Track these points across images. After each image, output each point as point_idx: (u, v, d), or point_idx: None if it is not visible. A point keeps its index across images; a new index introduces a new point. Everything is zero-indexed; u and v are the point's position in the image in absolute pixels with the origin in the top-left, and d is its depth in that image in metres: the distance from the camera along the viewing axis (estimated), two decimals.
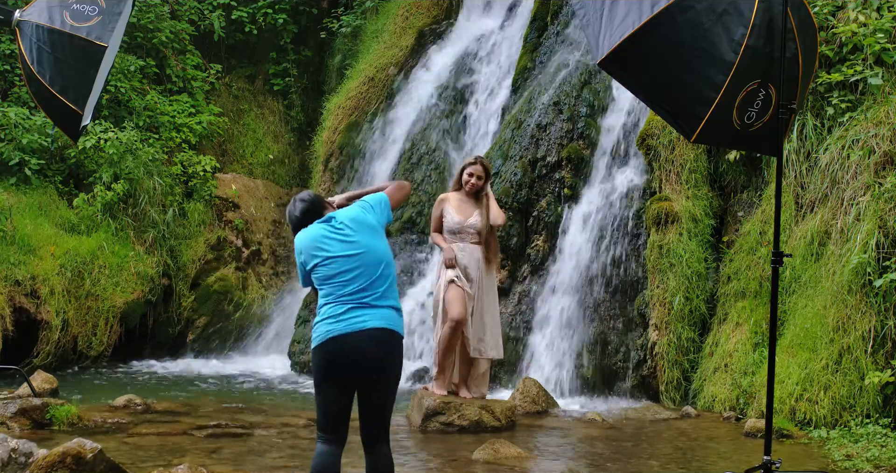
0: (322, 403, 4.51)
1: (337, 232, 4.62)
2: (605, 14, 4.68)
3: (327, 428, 4.50)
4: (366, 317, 4.45)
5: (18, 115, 10.69)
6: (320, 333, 4.48)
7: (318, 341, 4.48)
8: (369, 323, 4.44)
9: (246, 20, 13.51)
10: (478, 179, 7.61)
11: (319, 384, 4.51)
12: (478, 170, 7.62)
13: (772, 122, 4.83)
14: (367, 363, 4.44)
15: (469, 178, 7.62)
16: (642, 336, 8.78)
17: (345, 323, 4.43)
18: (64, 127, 6.46)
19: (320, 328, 4.49)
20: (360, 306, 4.47)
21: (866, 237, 7.27)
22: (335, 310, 4.47)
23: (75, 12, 6.08)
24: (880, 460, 6.24)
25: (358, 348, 4.41)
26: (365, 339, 4.42)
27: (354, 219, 4.67)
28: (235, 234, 12.08)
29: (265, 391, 9.39)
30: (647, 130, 9.26)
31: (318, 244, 4.61)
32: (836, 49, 8.25)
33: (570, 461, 6.66)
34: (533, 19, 11.51)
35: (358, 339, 4.41)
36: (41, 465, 5.30)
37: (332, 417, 4.49)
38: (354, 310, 4.46)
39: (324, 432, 4.52)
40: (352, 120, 12.24)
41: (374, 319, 4.46)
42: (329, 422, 4.49)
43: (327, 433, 4.50)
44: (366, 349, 4.42)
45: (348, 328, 4.42)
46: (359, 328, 4.42)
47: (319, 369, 4.49)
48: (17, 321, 9.63)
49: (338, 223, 4.65)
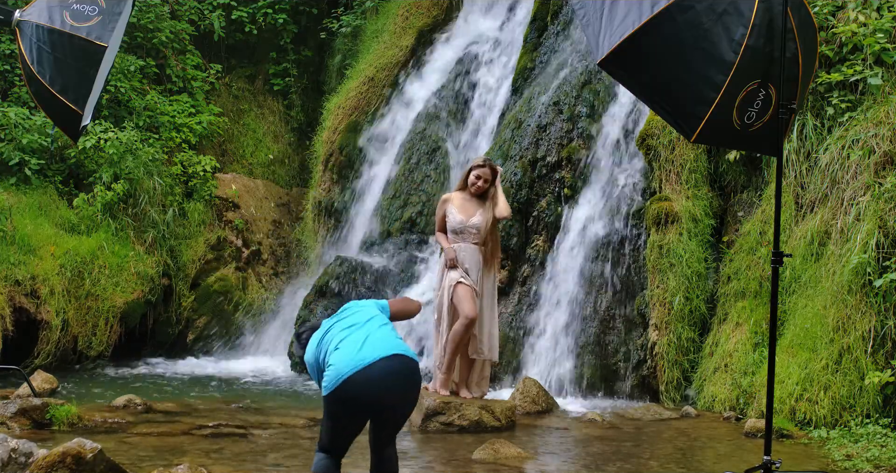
0: (334, 431, 4.51)
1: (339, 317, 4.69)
2: (605, 14, 4.68)
3: (333, 451, 4.55)
4: (376, 350, 4.44)
5: (18, 115, 10.69)
6: (331, 375, 4.40)
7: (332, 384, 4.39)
8: (380, 353, 4.41)
9: (246, 20, 13.50)
10: (484, 181, 7.61)
11: (339, 417, 4.47)
12: (485, 173, 7.61)
13: (772, 122, 4.83)
14: (386, 398, 4.42)
15: (476, 180, 7.62)
16: (642, 336, 8.78)
17: (356, 359, 4.38)
18: (64, 127, 6.46)
19: (332, 371, 4.41)
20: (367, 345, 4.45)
21: (866, 237, 7.27)
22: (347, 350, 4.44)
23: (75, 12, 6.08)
24: (880, 460, 6.24)
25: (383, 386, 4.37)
26: (381, 371, 4.37)
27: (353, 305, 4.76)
28: (235, 234, 12.08)
29: (265, 391, 9.39)
30: (647, 130, 9.26)
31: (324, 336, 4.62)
32: (836, 49, 8.25)
33: (569, 461, 6.66)
34: (533, 19, 11.50)
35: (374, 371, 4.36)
36: (41, 465, 5.31)
37: (340, 442, 4.54)
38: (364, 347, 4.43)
39: (328, 452, 4.55)
40: (352, 120, 12.23)
41: (385, 348, 4.46)
42: (336, 447, 4.54)
43: (332, 453, 4.55)
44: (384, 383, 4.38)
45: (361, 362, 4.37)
46: (370, 360, 4.38)
47: (338, 409, 4.45)
48: (17, 321, 9.63)
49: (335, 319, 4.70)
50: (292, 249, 12.50)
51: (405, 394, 4.48)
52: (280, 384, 9.82)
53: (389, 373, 4.37)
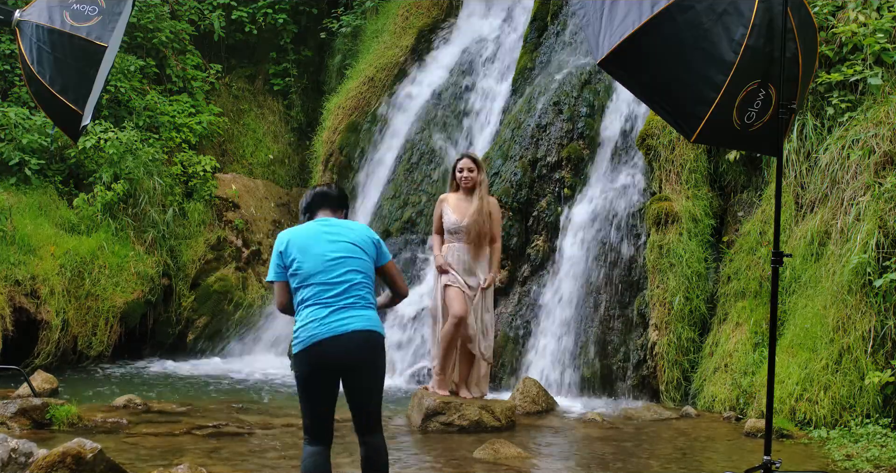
0: (309, 407, 4.57)
1: (329, 229, 4.68)
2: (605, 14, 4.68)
3: (316, 431, 4.58)
4: (349, 320, 4.53)
5: (18, 115, 10.69)
6: (304, 337, 4.54)
7: (303, 345, 4.54)
8: (353, 325, 4.53)
9: (246, 20, 13.50)
10: (469, 171, 7.65)
11: (306, 388, 4.57)
12: (467, 163, 7.67)
13: (772, 122, 4.83)
14: (353, 363, 4.54)
15: (460, 173, 7.67)
16: (642, 336, 8.78)
17: (328, 327, 4.51)
18: (64, 127, 6.46)
19: (303, 333, 4.54)
20: (342, 308, 4.54)
21: (866, 237, 7.27)
22: (318, 313, 4.53)
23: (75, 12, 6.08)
24: (880, 460, 6.24)
25: (343, 350, 4.50)
26: (349, 341, 4.50)
27: (352, 227, 4.73)
28: (235, 234, 12.07)
29: (265, 391, 9.38)
30: (647, 130, 9.26)
31: (307, 240, 4.64)
32: (836, 49, 8.25)
33: (569, 461, 6.66)
34: (533, 19, 11.51)
35: (343, 342, 4.50)
36: (41, 465, 5.31)
37: (319, 419, 4.57)
38: (337, 312, 4.53)
39: (313, 435, 4.58)
40: (352, 120, 12.23)
41: (357, 321, 4.54)
42: (317, 425, 4.58)
43: (316, 435, 4.58)
44: (350, 351, 4.51)
45: (333, 331, 4.50)
46: (342, 331, 4.51)
47: (306, 373, 4.56)
48: (17, 321, 9.63)
49: (333, 223, 4.71)
50: None
51: (372, 354, 4.61)
52: (280, 383, 9.82)
53: (354, 340, 4.53)
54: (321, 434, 4.59)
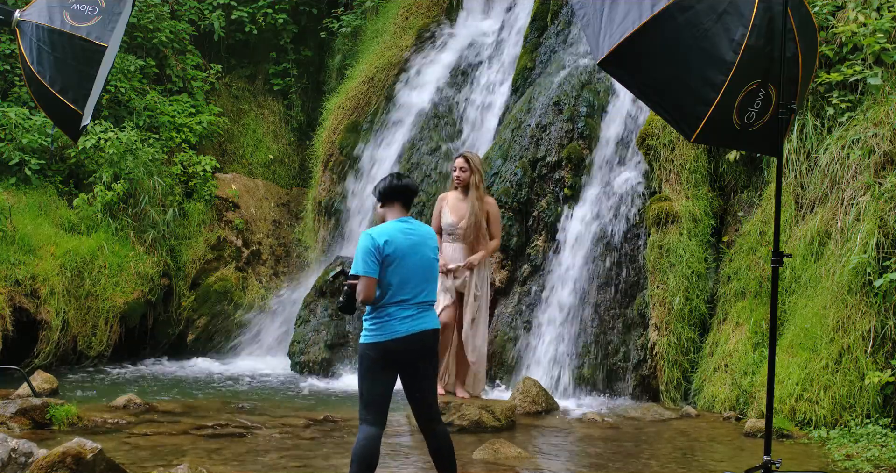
0: (372, 392, 5.01)
1: (414, 238, 5.12)
2: (605, 14, 4.68)
3: (376, 414, 4.99)
4: (426, 318, 5.12)
5: (18, 115, 10.69)
6: (386, 331, 5.02)
7: (385, 337, 5.01)
8: (429, 325, 5.12)
9: (246, 20, 13.50)
10: (461, 170, 7.67)
11: (376, 375, 5.03)
12: (460, 162, 7.71)
13: (772, 122, 4.83)
14: (423, 356, 5.12)
15: (454, 172, 7.75)
16: (642, 336, 8.78)
17: (409, 324, 5.05)
18: (64, 127, 6.46)
19: (387, 327, 5.02)
20: (422, 310, 5.10)
21: (866, 237, 7.27)
22: (403, 313, 5.04)
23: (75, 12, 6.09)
24: (880, 460, 6.24)
25: (418, 344, 5.05)
26: (424, 337, 5.08)
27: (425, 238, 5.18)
28: (235, 234, 12.07)
29: (265, 391, 9.39)
30: (647, 130, 9.26)
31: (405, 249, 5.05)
32: (836, 49, 8.26)
33: (569, 461, 6.66)
34: (533, 19, 11.51)
35: (419, 337, 5.06)
36: (41, 465, 5.31)
37: (380, 403, 5.01)
38: (419, 314, 5.08)
39: (373, 417, 4.98)
40: (352, 120, 12.23)
41: (431, 321, 5.14)
42: (377, 409, 5.00)
43: (370, 420, 4.97)
44: (424, 345, 5.09)
45: (414, 328, 5.05)
46: (421, 328, 5.07)
47: (379, 360, 5.02)
48: (17, 321, 9.63)
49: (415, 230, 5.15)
50: (292, 249, 12.50)
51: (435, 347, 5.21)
52: (280, 384, 9.82)
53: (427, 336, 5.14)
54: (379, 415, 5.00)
